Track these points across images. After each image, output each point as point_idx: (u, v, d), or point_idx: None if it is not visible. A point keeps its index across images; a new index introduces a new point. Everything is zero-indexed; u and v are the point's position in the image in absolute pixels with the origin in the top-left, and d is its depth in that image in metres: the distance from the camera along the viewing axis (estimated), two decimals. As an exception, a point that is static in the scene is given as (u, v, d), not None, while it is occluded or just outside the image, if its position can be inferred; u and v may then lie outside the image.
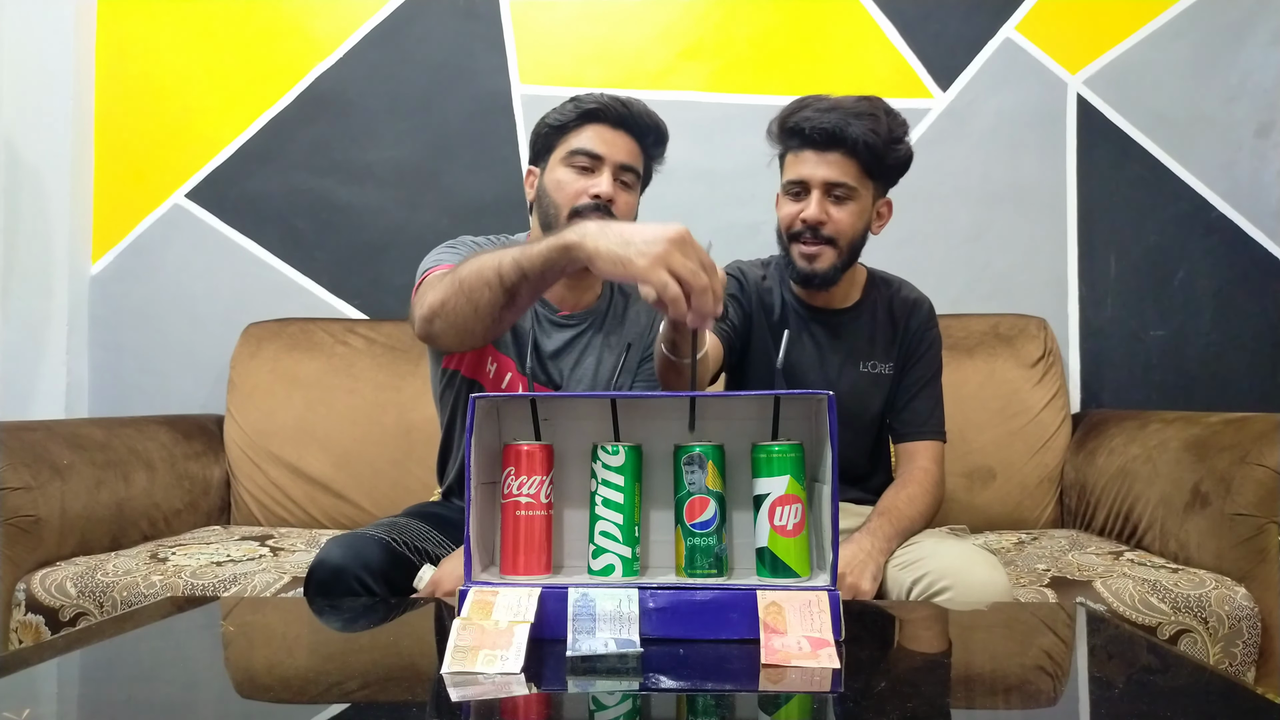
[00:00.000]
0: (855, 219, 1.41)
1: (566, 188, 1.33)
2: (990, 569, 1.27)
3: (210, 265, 2.28)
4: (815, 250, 1.41)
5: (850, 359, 1.51)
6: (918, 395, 1.52)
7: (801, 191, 1.41)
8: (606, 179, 1.32)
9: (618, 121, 1.34)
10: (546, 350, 1.40)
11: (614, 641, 0.82)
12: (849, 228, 1.41)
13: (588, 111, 1.33)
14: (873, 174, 1.41)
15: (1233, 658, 1.40)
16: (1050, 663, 0.92)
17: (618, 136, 1.34)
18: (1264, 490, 1.46)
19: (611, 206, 1.32)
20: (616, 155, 1.33)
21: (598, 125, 1.33)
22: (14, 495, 1.55)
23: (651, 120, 1.37)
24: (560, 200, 1.33)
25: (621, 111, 1.33)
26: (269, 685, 0.82)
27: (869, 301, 1.54)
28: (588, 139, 1.33)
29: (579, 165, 1.33)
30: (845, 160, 1.38)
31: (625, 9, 2.26)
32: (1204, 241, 2.19)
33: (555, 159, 1.36)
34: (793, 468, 0.92)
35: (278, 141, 2.28)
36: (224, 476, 2.07)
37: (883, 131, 1.37)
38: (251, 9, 2.29)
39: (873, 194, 1.44)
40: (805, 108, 1.40)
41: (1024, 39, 2.23)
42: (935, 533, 1.50)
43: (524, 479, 0.93)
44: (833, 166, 1.38)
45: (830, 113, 1.37)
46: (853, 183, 1.39)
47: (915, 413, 1.52)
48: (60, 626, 1.49)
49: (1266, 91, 2.19)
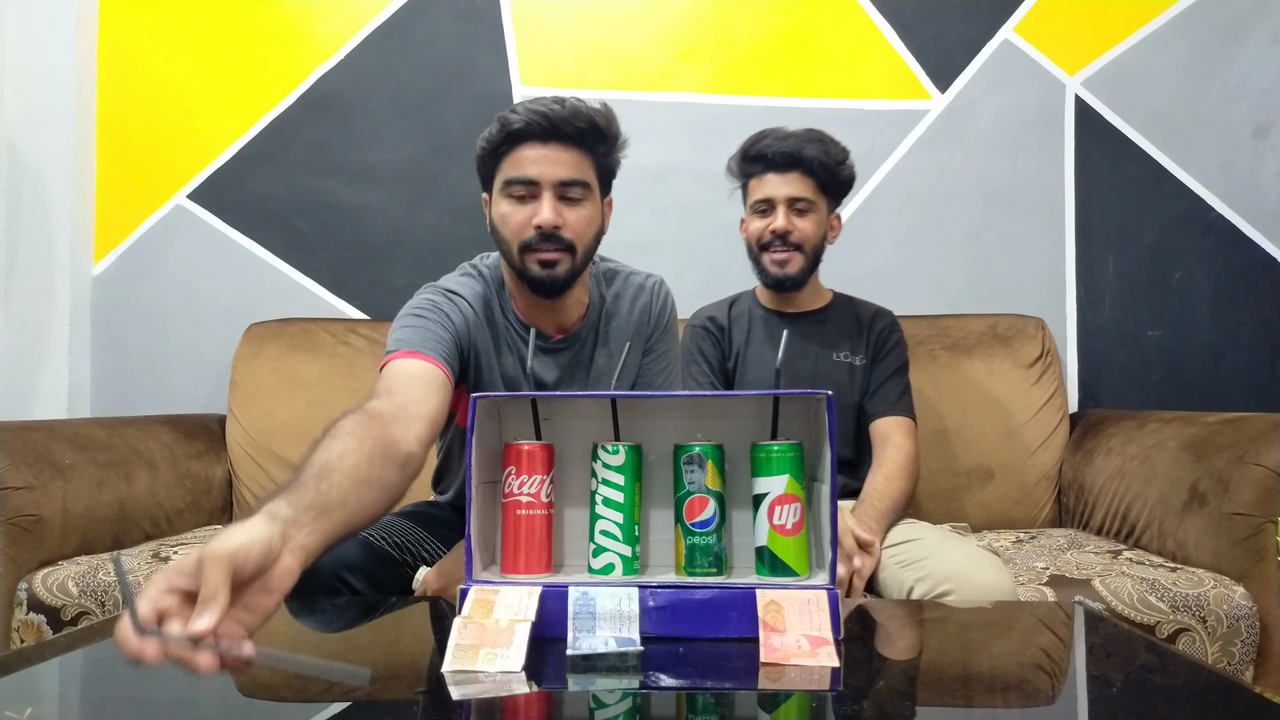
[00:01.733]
0: (816, 228, 1.64)
1: (510, 221, 1.23)
2: (994, 571, 1.27)
3: (212, 266, 2.28)
4: (785, 256, 1.64)
5: (824, 350, 1.68)
6: (887, 381, 1.67)
7: (768, 208, 1.64)
8: (547, 205, 1.21)
9: (546, 135, 1.20)
10: (548, 383, 1.34)
11: (614, 640, 0.82)
12: (812, 234, 1.64)
13: (513, 132, 1.21)
14: (826, 190, 1.65)
15: (1231, 657, 1.40)
16: (1049, 661, 0.93)
17: (550, 151, 1.21)
18: (1262, 490, 1.46)
19: (560, 231, 1.22)
20: (553, 173, 1.21)
21: (527, 145, 1.21)
22: (16, 495, 1.55)
23: (586, 120, 1.22)
24: (508, 235, 1.24)
25: (545, 125, 1.20)
26: (270, 684, 0.83)
27: (836, 306, 1.76)
28: (519, 164, 1.22)
29: (516, 195, 1.23)
30: (803, 178, 1.62)
31: (626, 10, 2.27)
32: (1202, 242, 2.20)
33: (497, 189, 1.26)
34: (792, 467, 0.92)
35: (279, 142, 2.28)
36: (226, 476, 2.08)
37: (832, 154, 1.62)
38: (253, 10, 2.29)
39: (827, 208, 1.67)
40: (765, 138, 1.64)
41: (1022, 40, 2.23)
42: (937, 531, 1.50)
43: (525, 478, 0.94)
44: (794, 184, 1.62)
45: (787, 139, 1.62)
46: (811, 196, 1.62)
47: (885, 395, 1.66)
48: (62, 626, 1.49)
49: (1264, 92, 2.20)
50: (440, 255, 2.17)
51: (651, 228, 2.19)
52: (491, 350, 1.30)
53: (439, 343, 1.18)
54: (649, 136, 2.13)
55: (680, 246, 2.18)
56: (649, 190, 2.15)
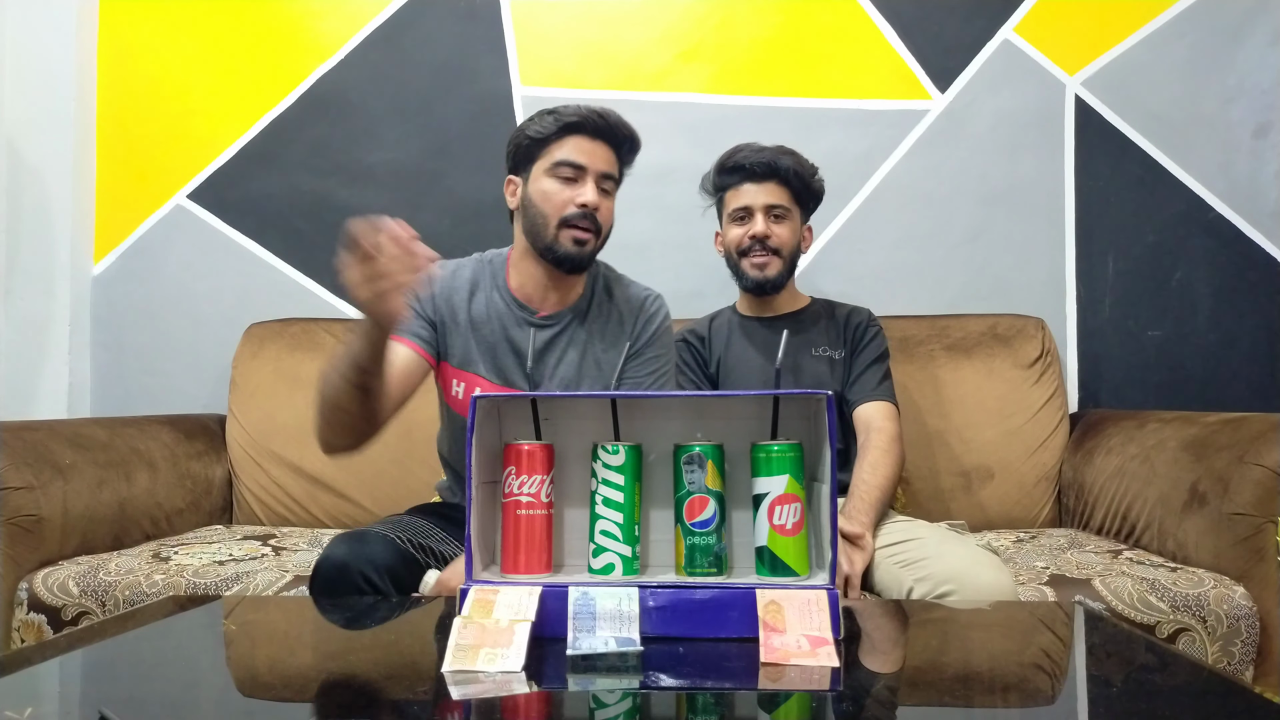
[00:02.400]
0: (792, 234, 1.70)
1: (553, 198, 1.39)
2: (995, 571, 1.27)
3: (212, 265, 2.28)
4: (765, 260, 1.68)
5: (804, 346, 1.71)
6: (867, 369, 1.69)
7: (746, 216, 1.69)
8: (591, 188, 1.38)
9: (596, 132, 1.40)
10: (526, 353, 1.42)
11: (614, 640, 0.82)
12: (789, 240, 1.69)
13: (569, 124, 1.39)
14: (800, 200, 1.71)
15: (1231, 657, 1.41)
16: (1049, 661, 0.93)
17: (597, 147, 1.40)
18: (1262, 490, 1.46)
19: (596, 214, 1.39)
20: (598, 165, 1.39)
21: (578, 137, 1.39)
22: (16, 495, 1.56)
23: (626, 131, 1.43)
24: (548, 210, 1.39)
25: (600, 123, 1.40)
26: (271, 684, 0.83)
27: (814, 308, 1.78)
28: (570, 150, 1.39)
29: (563, 176, 1.39)
30: (779, 187, 1.68)
31: (626, 11, 2.27)
32: (1202, 242, 2.20)
33: (538, 170, 1.41)
34: (792, 467, 0.92)
35: (279, 142, 2.28)
36: (226, 476, 2.08)
37: (805, 166, 1.69)
38: (253, 11, 2.29)
39: (800, 217, 1.72)
40: (741, 151, 1.70)
41: (1022, 40, 2.23)
42: (936, 530, 1.50)
43: (525, 478, 0.94)
44: (771, 192, 1.68)
45: (763, 151, 1.68)
46: (787, 204, 1.68)
47: (865, 382, 1.68)
48: (62, 626, 1.49)
49: (1264, 92, 2.20)
50: (440, 255, 2.17)
51: (651, 228, 2.19)
52: (473, 317, 1.44)
53: (411, 319, 1.40)
54: (649, 137, 2.09)
55: (680, 246, 2.18)
56: (649, 190, 2.14)
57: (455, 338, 1.43)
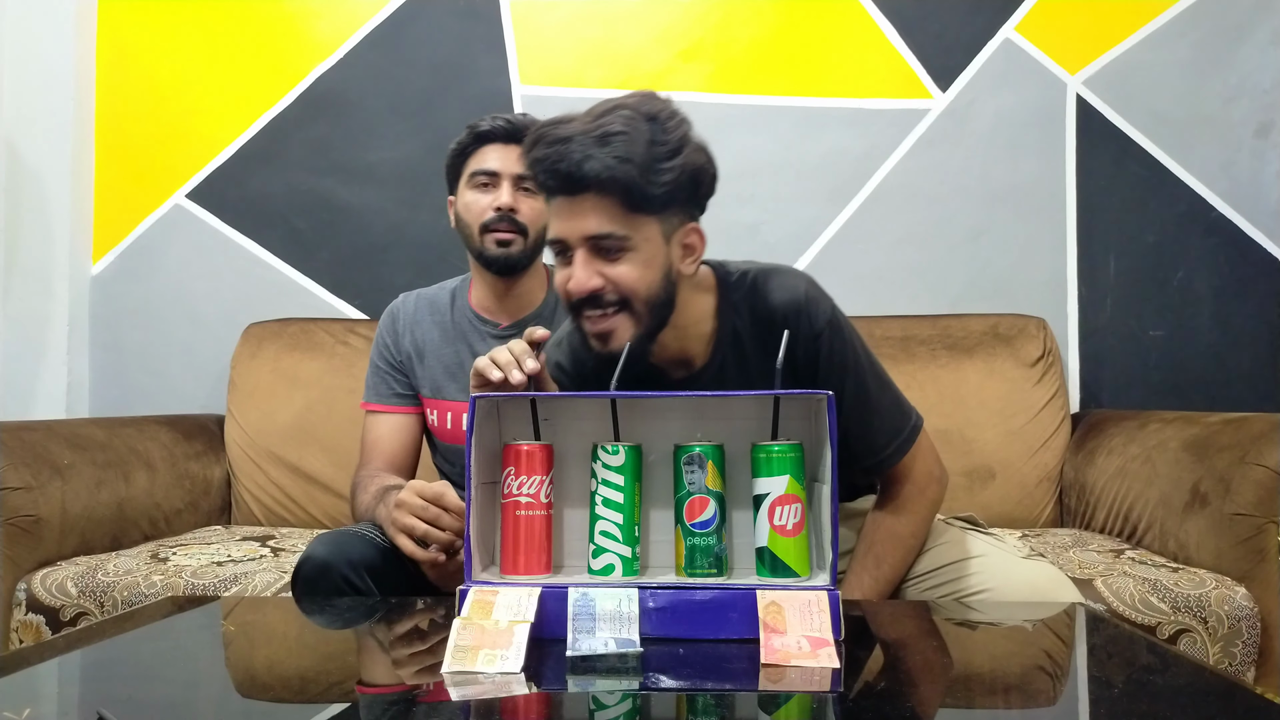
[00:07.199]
0: (642, 271, 1.04)
1: (473, 207, 1.44)
2: (1037, 566, 1.19)
3: (211, 265, 2.28)
4: (606, 326, 1.06)
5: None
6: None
7: (564, 251, 1.07)
8: (506, 190, 1.42)
9: (508, 137, 1.42)
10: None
11: (614, 641, 0.82)
12: (638, 283, 1.04)
13: (480, 134, 1.44)
14: (644, 208, 1.03)
15: (1232, 657, 1.40)
16: (1050, 662, 0.93)
17: (510, 151, 1.41)
18: (1263, 490, 1.46)
19: (516, 215, 1.42)
20: (511, 168, 1.41)
21: (491, 145, 1.44)
22: (14, 495, 1.55)
23: None
24: (471, 219, 1.44)
25: (508, 128, 1.43)
26: (269, 685, 0.83)
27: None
28: (483, 159, 1.44)
29: (480, 184, 1.44)
30: (600, 202, 1.02)
31: (625, 10, 2.26)
32: (1203, 242, 2.19)
33: (462, 184, 1.47)
34: (792, 467, 0.92)
35: (278, 142, 2.28)
36: (224, 476, 2.07)
37: (639, 152, 1.00)
38: (252, 10, 2.29)
39: (660, 231, 1.06)
40: (538, 142, 1.03)
41: (1023, 39, 2.23)
42: (951, 533, 1.34)
43: (524, 479, 0.93)
44: (589, 216, 1.03)
45: (564, 144, 1.01)
46: (620, 230, 1.03)
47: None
48: (61, 626, 1.49)
49: (1266, 92, 2.19)
50: (439, 254, 2.17)
51: (651, 227, 2.19)
52: (437, 341, 1.48)
53: (388, 386, 1.48)
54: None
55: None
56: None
57: (422, 371, 1.47)
